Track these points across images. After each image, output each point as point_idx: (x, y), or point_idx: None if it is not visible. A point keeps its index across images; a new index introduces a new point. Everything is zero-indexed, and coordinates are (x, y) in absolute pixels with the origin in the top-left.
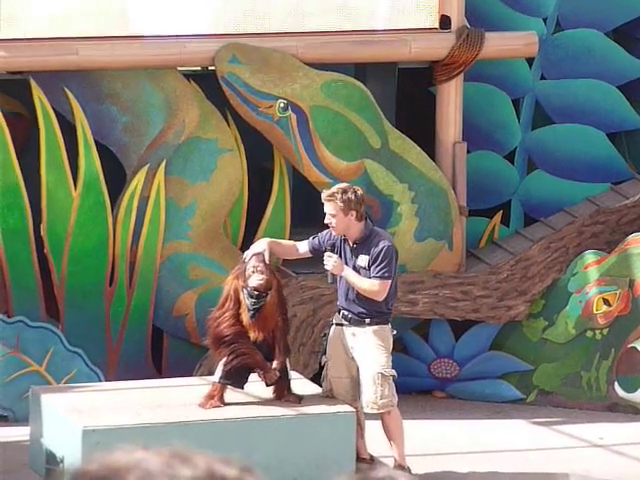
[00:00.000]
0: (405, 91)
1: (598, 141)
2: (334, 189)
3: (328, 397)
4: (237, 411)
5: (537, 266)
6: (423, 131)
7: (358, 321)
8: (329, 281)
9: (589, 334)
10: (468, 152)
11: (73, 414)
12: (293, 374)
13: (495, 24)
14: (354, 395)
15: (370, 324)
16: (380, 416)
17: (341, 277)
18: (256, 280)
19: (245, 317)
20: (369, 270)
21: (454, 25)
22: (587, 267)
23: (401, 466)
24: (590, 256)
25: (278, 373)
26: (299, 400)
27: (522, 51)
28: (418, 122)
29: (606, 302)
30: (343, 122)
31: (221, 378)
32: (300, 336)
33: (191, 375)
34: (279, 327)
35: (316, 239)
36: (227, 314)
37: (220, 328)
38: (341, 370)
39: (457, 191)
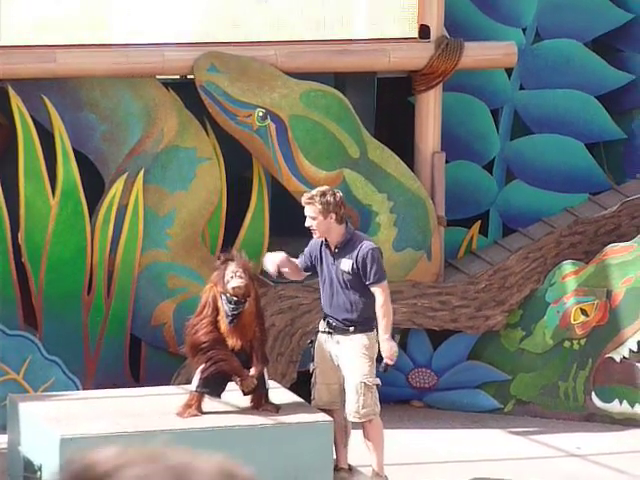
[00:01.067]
0: (384, 101)
1: (577, 151)
2: (313, 192)
3: (312, 406)
4: (215, 420)
5: (515, 276)
6: (402, 141)
7: (342, 329)
8: (382, 370)
9: (567, 344)
10: (447, 162)
11: (51, 422)
12: (271, 383)
13: (474, 34)
14: (343, 401)
15: (354, 332)
16: (362, 424)
17: (330, 285)
18: (235, 283)
19: (223, 324)
20: (352, 275)
21: (433, 35)
22: (565, 277)
23: (379, 475)
24: (568, 266)
25: (255, 381)
26: (277, 409)
27: (501, 61)
28: (397, 132)
29: (584, 312)
30: (322, 131)
31: (198, 387)
32: (278, 345)
33: (169, 384)
34: (257, 336)
35: (303, 257)
36: (205, 321)
37: (197, 335)
38: (329, 377)
39: (436, 201)
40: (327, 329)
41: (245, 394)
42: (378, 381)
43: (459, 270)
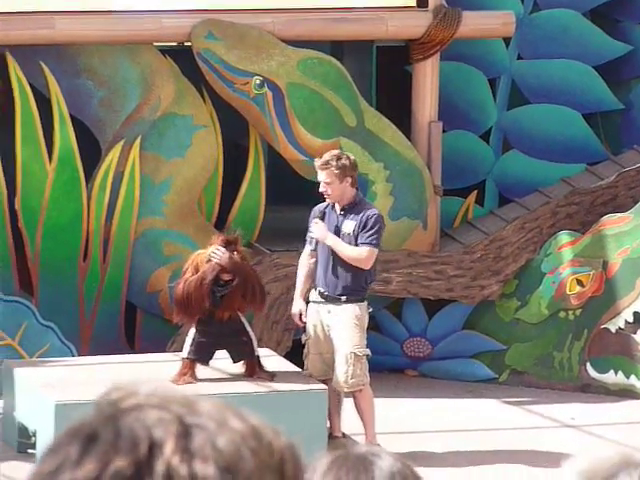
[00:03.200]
0: (382, 69)
1: (574, 121)
2: (327, 156)
3: (306, 375)
4: (210, 387)
5: (511, 246)
6: (399, 110)
7: (334, 299)
8: (311, 248)
9: (562, 315)
10: (444, 131)
11: (46, 388)
12: (266, 351)
13: (472, 3)
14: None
15: (346, 302)
16: (352, 394)
17: (323, 253)
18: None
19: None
20: (354, 237)
21: (431, 4)
22: (561, 248)
23: (371, 443)
24: (564, 237)
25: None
26: (271, 377)
27: (499, 30)
28: (394, 101)
29: (579, 283)
30: (319, 100)
31: (189, 353)
32: (273, 314)
33: (164, 351)
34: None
35: (309, 238)
36: (186, 277)
37: (179, 295)
38: (322, 347)
39: (432, 170)
40: (319, 299)
41: (234, 358)
42: (368, 352)
43: (455, 240)
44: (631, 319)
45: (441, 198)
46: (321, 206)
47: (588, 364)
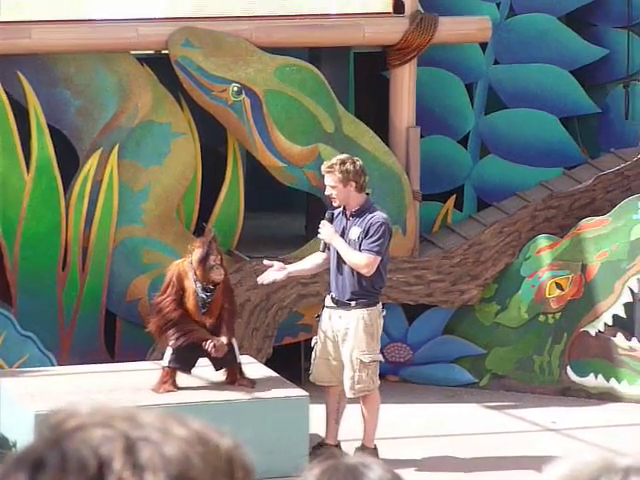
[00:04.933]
0: (359, 75)
1: (551, 126)
2: (333, 160)
3: (310, 380)
4: (190, 395)
5: (490, 250)
6: (377, 115)
7: (344, 304)
8: (320, 249)
9: (542, 318)
10: (421, 137)
11: (25, 398)
12: (247, 358)
13: (448, 9)
14: (339, 378)
15: (355, 307)
16: (360, 398)
17: (338, 255)
18: (218, 276)
19: (189, 302)
20: (358, 243)
21: (408, 10)
22: (540, 251)
23: (365, 447)
24: (543, 240)
25: (226, 347)
26: (252, 384)
27: (475, 36)
28: (372, 106)
29: (559, 286)
30: (297, 106)
31: (170, 362)
32: (254, 320)
33: (144, 359)
34: (226, 308)
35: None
36: (168, 299)
37: (162, 314)
38: (329, 352)
39: (410, 176)
40: (331, 304)
41: (216, 366)
42: (378, 357)
43: (434, 244)
44: (610, 322)
45: (420, 203)
46: (334, 210)
47: (568, 367)
